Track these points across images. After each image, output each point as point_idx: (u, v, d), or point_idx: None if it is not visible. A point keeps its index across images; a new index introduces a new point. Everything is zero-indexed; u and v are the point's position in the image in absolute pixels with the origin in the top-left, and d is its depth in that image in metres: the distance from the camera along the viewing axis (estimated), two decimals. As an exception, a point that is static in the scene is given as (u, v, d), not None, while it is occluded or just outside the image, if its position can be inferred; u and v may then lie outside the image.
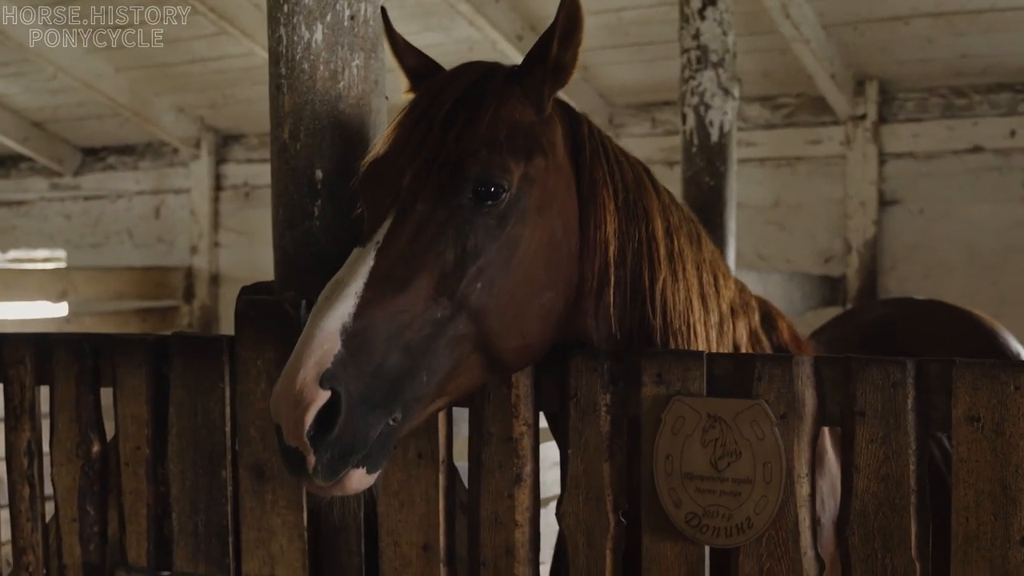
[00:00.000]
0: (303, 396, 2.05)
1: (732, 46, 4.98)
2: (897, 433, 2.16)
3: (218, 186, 9.39)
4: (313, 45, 2.80)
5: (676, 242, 2.59)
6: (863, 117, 7.16)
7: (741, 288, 2.74)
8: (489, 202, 2.27)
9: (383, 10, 2.76)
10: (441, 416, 2.57)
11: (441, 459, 2.58)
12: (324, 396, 2.05)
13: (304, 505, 2.72)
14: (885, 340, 3.47)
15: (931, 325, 3.79)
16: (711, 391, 2.32)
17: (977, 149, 6.91)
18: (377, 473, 2.17)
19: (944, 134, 6.99)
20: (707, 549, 2.33)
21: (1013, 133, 6.79)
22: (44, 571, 3.13)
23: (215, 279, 9.38)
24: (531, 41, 6.93)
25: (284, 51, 2.82)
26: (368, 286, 2.17)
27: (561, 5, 2.36)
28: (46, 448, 3.12)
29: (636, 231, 2.54)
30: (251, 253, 9.22)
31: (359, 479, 2.14)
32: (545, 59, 2.42)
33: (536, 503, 2.51)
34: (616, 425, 2.41)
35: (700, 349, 2.53)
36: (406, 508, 2.62)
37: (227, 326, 9.17)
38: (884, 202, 7.18)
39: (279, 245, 2.85)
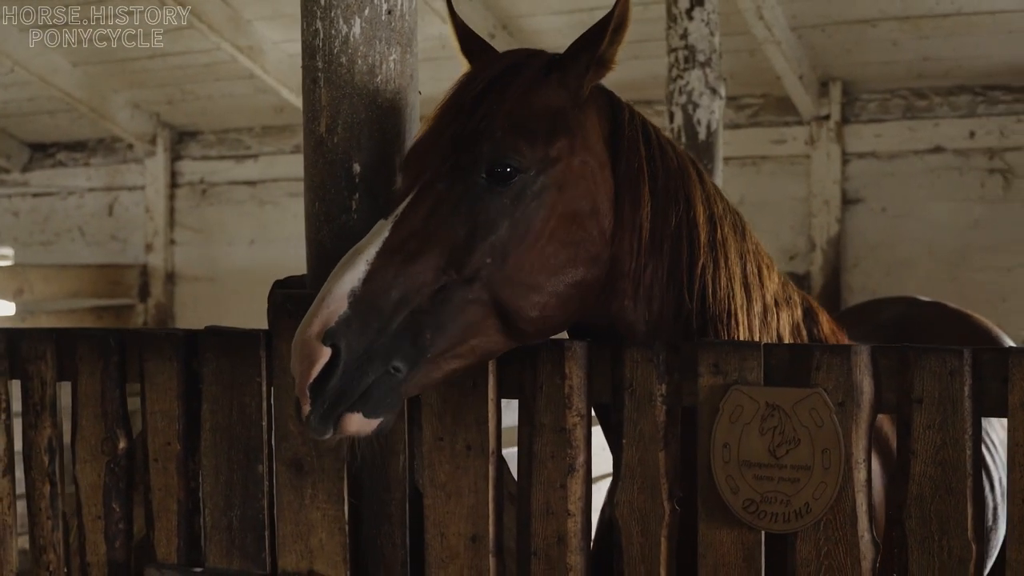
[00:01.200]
0: (306, 351, 2.23)
1: (718, 46, 5.06)
2: (954, 419, 2.22)
3: (174, 183, 9.27)
4: (351, 39, 2.81)
5: (719, 231, 2.65)
6: (827, 117, 7.30)
7: (784, 282, 2.80)
8: (503, 181, 2.38)
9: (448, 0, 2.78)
10: (491, 407, 2.59)
11: (491, 450, 2.60)
12: (326, 352, 2.22)
13: (345, 498, 2.72)
14: (904, 340, 3.55)
15: (941, 327, 3.91)
16: (767, 380, 2.37)
17: (938, 149, 7.08)
18: (378, 421, 2.29)
19: (905, 134, 7.16)
20: (763, 534, 2.38)
21: (972, 134, 6.96)
22: (65, 570, 3.09)
23: (171, 277, 9.27)
24: (502, 40, 6.95)
25: (321, 44, 2.83)
26: (379, 255, 2.32)
27: (617, 2, 2.43)
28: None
29: (674, 216, 2.60)
30: (208, 250, 9.13)
31: (357, 423, 2.27)
32: (594, 50, 2.51)
33: (588, 493, 2.54)
34: (671, 415, 2.45)
35: (742, 337, 2.59)
36: (454, 500, 2.63)
37: (183, 324, 9.06)
38: (847, 201, 7.33)
39: (315, 239, 2.85)
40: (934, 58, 6.78)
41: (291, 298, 2.77)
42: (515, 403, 2.65)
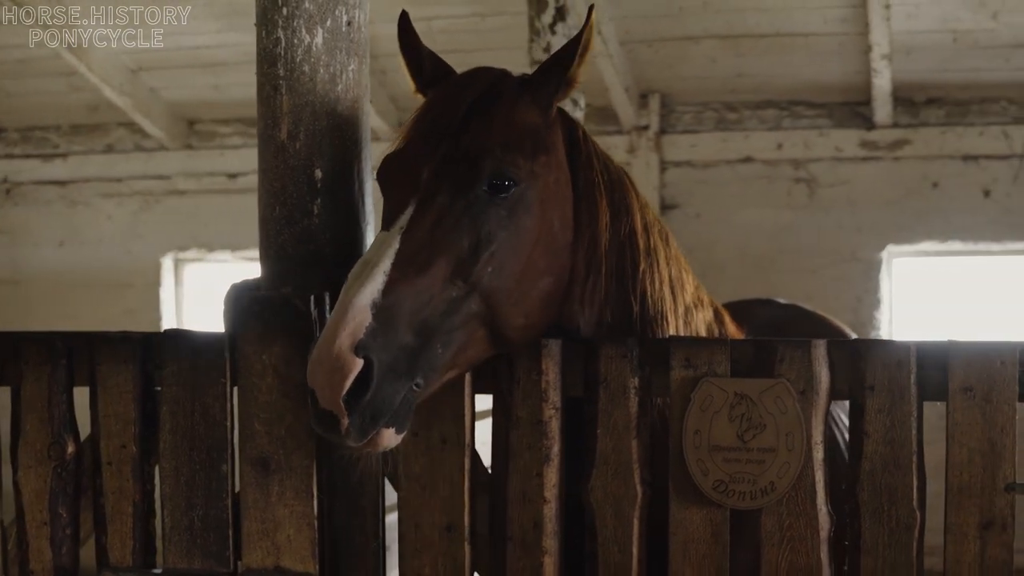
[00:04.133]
0: (339, 363, 2.30)
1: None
2: (902, 404, 2.53)
3: (-27, 182, 8.81)
4: (314, 48, 2.89)
5: (651, 237, 2.90)
6: (646, 128, 7.70)
7: (696, 285, 3.07)
8: (501, 194, 2.54)
9: (404, 13, 2.89)
10: (467, 402, 2.74)
11: (466, 443, 2.74)
12: (359, 364, 2.30)
13: (314, 494, 2.80)
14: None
15: (804, 326, 4.29)
16: (732, 373, 2.61)
17: (748, 159, 7.59)
18: (404, 434, 2.44)
19: (719, 145, 7.64)
20: (729, 512, 2.62)
21: (780, 146, 7.51)
22: (3, 578, 3.03)
23: (-29, 280, 8.81)
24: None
25: (283, 53, 2.90)
26: (395, 266, 2.42)
27: (585, 26, 2.64)
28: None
29: (621, 226, 2.82)
30: (13, 252, 8.71)
31: (389, 438, 2.41)
32: (563, 71, 2.69)
33: (562, 480, 2.72)
34: (643, 406, 2.66)
35: (671, 336, 2.83)
36: (428, 491, 2.76)
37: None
38: (665, 206, 7.75)
39: (275, 242, 2.92)
40: (747, 75, 7.28)
41: (259, 300, 2.82)
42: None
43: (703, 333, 3.01)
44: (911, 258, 7.55)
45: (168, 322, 8.38)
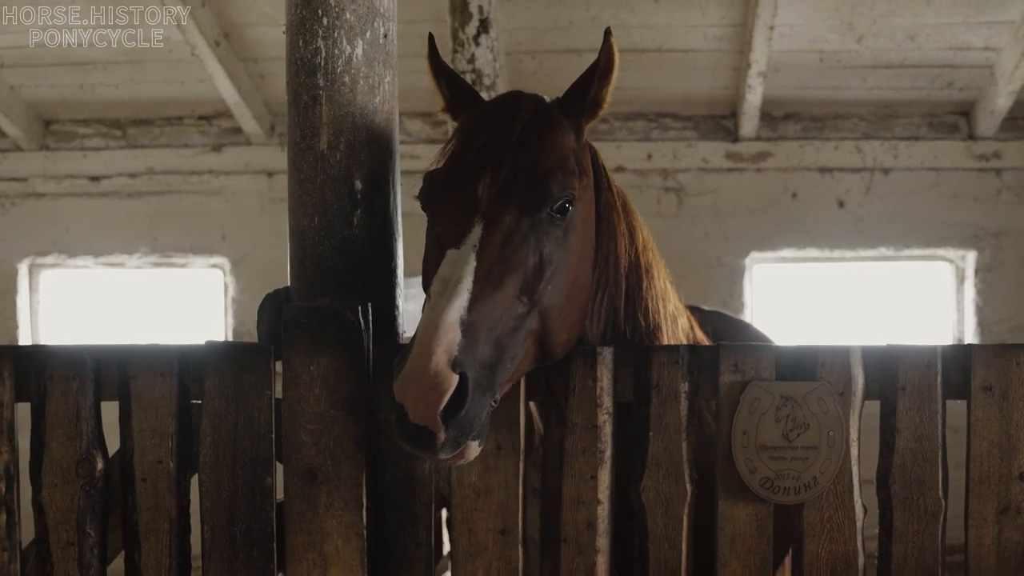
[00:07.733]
0: (438, 379, 2.34)
1: (499, 70, 5.44)
2: (930, 402, 2.78)
3: None
4: (354, 59, 2.94)
5: (649, 255, 3.10)
6: (522, 136, 7.85)
7: (676, 294, 3.27)
8: (560, 216, 2.67)
9: (430, 36, 2.96)
10: (521, 410, 2.83)
11: (520, 449, 2.83)
12: (455, 380, 2.36)
13: (364, 504, 2.83)
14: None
15: (731, 330, 4.53)
16: (775, 376, 2.81)
17: (620, 169, 7.86)
18: (482, 447, 2.53)
19: (592, 155, 7.86)
20: (772, 507, 2.81)
21: (650, 156, 7.82)
22: (22, 603, 2.92)
23: None
24: (226, 49, 6.90)
25: (322, 63, 2.93)
26: (475, 283, 2.50)
27: (603, 48, 2.80)
28: None
29: (633, 246, 3.00)
30: None
31: (474, 450, 2.50)
32: (586, 95, 2.83)
33: (615, 481, 2.85)
34: (692, 409, 2.82)
35: (663, 343, 3.01)
36: (483, 497, 2.84)
37: None
38: (540, 214, 7.92)
39: (313, 253, 2.94)
40: (622, 87, 7.51)
41: (306, 311, 2.83)
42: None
43: (683, 339, 3.20)
44: (771, 264, 7.98)
45: (24, 331, 8.01)
